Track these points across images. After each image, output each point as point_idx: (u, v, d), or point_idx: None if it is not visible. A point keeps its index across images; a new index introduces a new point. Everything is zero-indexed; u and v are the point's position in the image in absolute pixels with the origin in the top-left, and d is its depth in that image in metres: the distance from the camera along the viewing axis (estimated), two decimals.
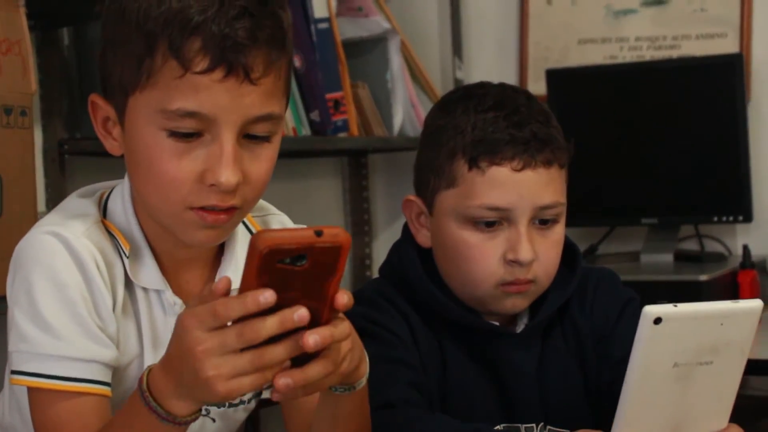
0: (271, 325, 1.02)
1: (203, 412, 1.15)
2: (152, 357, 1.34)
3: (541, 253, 1.50)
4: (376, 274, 3.65)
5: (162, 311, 1.34)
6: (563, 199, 1.53)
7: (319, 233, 1.01)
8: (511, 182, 1.48)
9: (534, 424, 1.52)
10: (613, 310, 1.59)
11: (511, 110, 1.51)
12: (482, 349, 1.54)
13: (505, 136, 1.48)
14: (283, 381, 1.06)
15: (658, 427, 1.22)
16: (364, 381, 1.22)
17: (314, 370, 1.07)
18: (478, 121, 1.50)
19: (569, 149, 1.55)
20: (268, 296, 1.01)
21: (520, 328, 1.57)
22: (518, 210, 1.48)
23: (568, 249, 1.59)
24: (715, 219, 3.01)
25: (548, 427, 1.53)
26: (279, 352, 1.04)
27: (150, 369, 1.13)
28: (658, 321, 1.14)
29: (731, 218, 2.98)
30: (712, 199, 3.01)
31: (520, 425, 1.52)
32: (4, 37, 1.91)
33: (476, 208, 1.49)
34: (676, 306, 1.15)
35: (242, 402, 1.44)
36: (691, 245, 3.16)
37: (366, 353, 1.21)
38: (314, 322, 1.05)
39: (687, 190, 3.03)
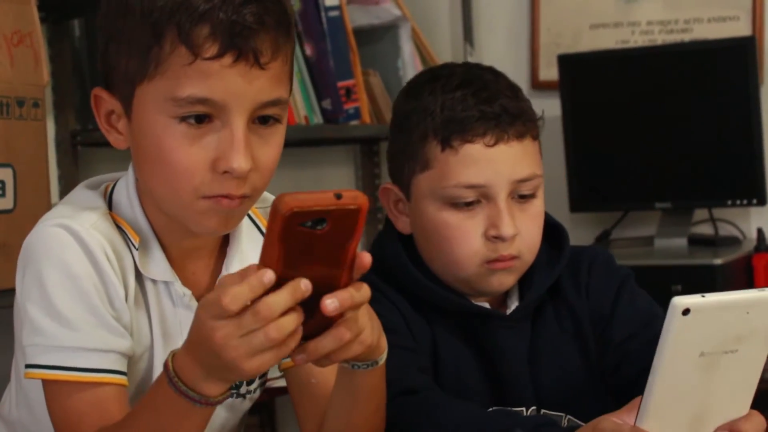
0: (283, 299, 1.03)
1: (233, 389, 1.16)
2: (162, 348, 1.34)
3: (523, 228, 1.49)
4: None
5: (171, 303, 1.35)
6: (540, 171, 1.52)
7: (338, 196, 1.01)
8: (485, 158, 1.47)
9: (524, 408, 1.52)
10: (609, 290, 1.58)
11: (479, 87, 1.50)
12: (473, 332, 1.53)
13: (474, 113, 1.48)
14: (300, 357, 1.08)
15: (681, 415, 1.22)
16: (384, 356, 1.22)
17: (325, 340, 1.08)
18: (447, 101, 1.50)
19: (540, 120, 1.54)
20: (270, 276, 1.02)
21: (510, 310, 1.56)
22: (495, 186, 1.47)
23: (555, 230, 1.59)
24: (729, 202, 3.00)
25: (543, 410, 1.52)
26: (289, 321, 1.04)
27: (174, 355, 1.13)
28: (686, 312, 1.14)
29: (745, 201, 2.97)
30: (725, 183, 3.00)
31: (510, 409, 1.51)
32: (15, 29, 1.92)
33: (453, 188, 1.48)
34: (704, 296, 1.15)
35: (249, 392, 1.44)
36: (705, 229, 3.15)
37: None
38: (333, 288, 1.06)
39: (700, 173, 3.03)
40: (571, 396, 1.51)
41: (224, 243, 1.40)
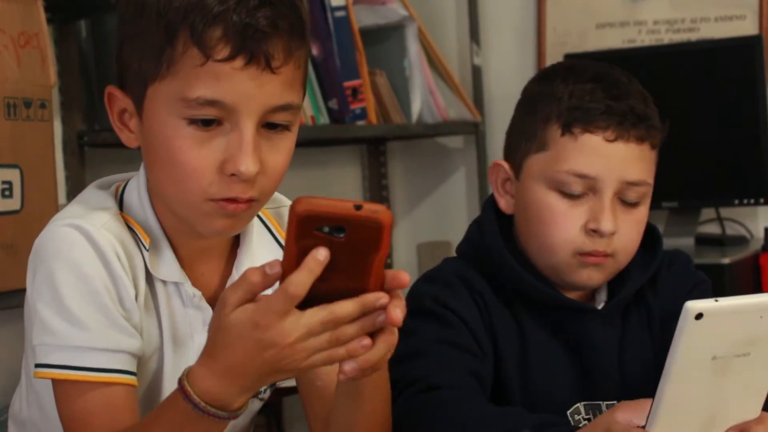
0: (352, 309, 1.06)
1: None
2: (172, 349, 1.34)
3: (623, 229, 1.50)
4: (396, 261, 3.65)
5: (181, 303, 1.35)
6: (651, 180, 1.53)
7: (358, 207, 1.01)
8: (601, 151, 1.49)
9: (615, 401, 1.52)
10: (683, 290, 1.59)
11: (611, 83, 1.53)
12: (563, 325, 1.55)
13: (601, 106, 1.50)
14: (349, 366, 1.09)
15: (691, 418, 1.22)
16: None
17: (378, 348, 1.10)
18: (576, 90, 1.52)
19: (663, 131, 1.55)
20: (323, 252, 1.03)
21: (599, 307, 1.57)
22: (605, 181, 1.49)
23: (649, 231, 1.59)
24: (736, 202, 3.00)
25: None
26: (354, 330, 1.07)
27: (189, 375, 1.13)
28: (699, 317, 1.14)
29: (752, 201, 2.97)
30: (732, 182, 3.00)
31: (601, 402, 1.53)
32: (22, 30, 1.92)
33: (564, 173, 1.49)
34: (717, 301, 1.15)
35: (259, 393, 1.44)
36: (712, 228, 3.15)
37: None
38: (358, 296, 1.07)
39: (707, 173, 3.02)
40: (649, 393, 1.52)
41: (235, 244, 1.40)
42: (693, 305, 1.14)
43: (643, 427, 1.22)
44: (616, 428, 1.24)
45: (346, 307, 1.06)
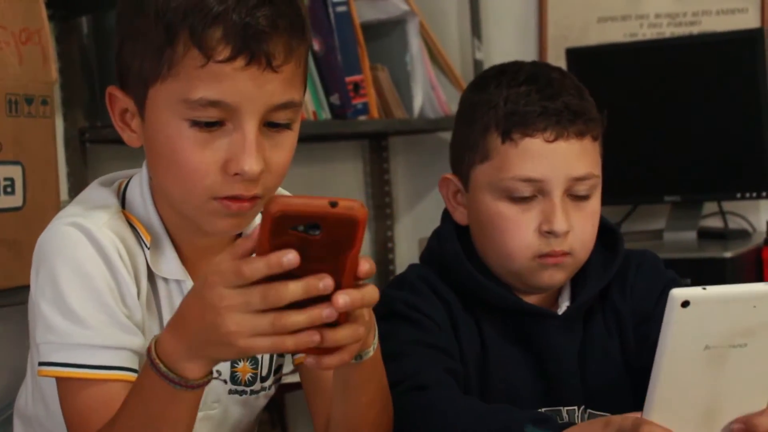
0: (295, 289, 1.02)
1: (214, 374, 1.15)
2: None
3: (577, 225, 1.51)
4: (398, 257, 3.66)
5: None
6: (598, 172, 1.54)
7: (333, 204, 1.00)
8: (543, 153, 1.49)
9: (576, 407, 1.53)
10: (653, 292, 1.59)
11: (544, 84, 1.53)
12: (523, 331, 1.55)
13: (537, 108, 1.50)
14: (310, 358, 1.07)
15: (690, 409, 1.21)
16: (371, 351, 1.21)
17: (343, 332, 1.06)
18: (511, 95, 1.52)
19: (602, 122, 1.56)
20: (291, 257, 1.01)
21: (561, 310, 1.57)
22: (552, 181, 1.49)
23: (609, 232, 1.60)
24: (739, 195, 2.99)
25: (588, 410, 1.53)
26: (300, 318, 1.03)
27: (157, 337, 1.13)
28: (686, 304, 1.13)
29: (755, 194, 2.96)
30: (735, 176, 3.00)
31: (561, 408, 1.53)
32: (23, 27, 1.92)
33: (510, 180, 1.50)
34: (704, 289, 1.14)
35: (263, 389, 1.44)
36: (715, 222, 3.15)
37: (376, 326, 1.21)
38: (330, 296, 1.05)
39: (709, 166, 3.02)
40: (616, 396, 1.52)
41: None
42: (679, 292, 1.13)
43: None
44: (614, 419, 1.24)
45: (288, 285, 1.02)
